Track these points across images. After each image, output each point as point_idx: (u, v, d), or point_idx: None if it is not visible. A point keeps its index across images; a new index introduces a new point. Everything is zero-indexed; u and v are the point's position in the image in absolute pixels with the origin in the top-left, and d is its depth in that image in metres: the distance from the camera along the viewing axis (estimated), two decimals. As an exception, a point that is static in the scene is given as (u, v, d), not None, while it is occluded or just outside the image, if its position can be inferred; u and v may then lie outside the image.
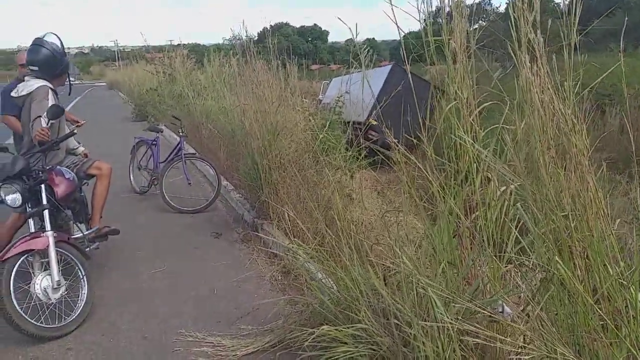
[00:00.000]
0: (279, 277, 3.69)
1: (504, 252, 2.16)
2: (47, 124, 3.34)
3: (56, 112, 3.36)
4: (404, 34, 2.48)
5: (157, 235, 4.81)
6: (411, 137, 2.96)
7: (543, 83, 1.51)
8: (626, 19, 3.38)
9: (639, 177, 1.91)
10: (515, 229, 2.13)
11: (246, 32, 5.78)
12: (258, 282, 3.69)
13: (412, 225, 3.04)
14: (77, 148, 4.14)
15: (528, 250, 2.06)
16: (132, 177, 6.31)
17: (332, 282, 2.75)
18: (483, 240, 2.16)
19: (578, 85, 1.67)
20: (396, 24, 2.37)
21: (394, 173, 3.02)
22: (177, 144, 5.80)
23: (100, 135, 10.86)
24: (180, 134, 5.84)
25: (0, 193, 3.16)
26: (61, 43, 3.79)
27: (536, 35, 1.65)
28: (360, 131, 5.30)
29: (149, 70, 15.03)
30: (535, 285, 1.88)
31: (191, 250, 4.42)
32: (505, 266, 2.19)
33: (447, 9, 2.40)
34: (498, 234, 2.21)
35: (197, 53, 16.65)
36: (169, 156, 5.81)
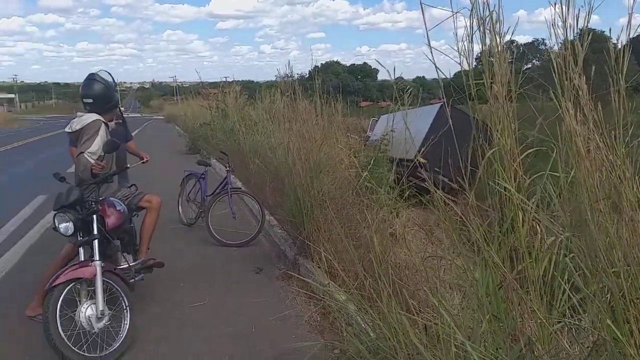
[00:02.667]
0: (318, 318, 3.63)
1: (554, 308, 2.04)
2: (102, 158, 3.51)
3: (112, 147, 3.53)
4: (444, 76, 2.46)
5: (200, 268, 4.89)
6: (460, 176, 2.88)
7: (588, 132, 1.44)
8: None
9: None
10: (567, 283, 2.00)
11: (291, 71, 5.92)
12: (296, 322, 3.64)
13: (461, 269, 2.93)
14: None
15: (579, 308, 1.93)
16: (180, 209, 6.50)
17: (370, 329, 2.67)
18: (529, 296, 2.04)
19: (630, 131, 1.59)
20: (434, 64, 2.36)
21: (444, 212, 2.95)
22: (224, 178, 5.95)
23: (154, 167, 11.32)
24: (227, 168, 5.99)
25: (54, 221, 3.32)
26: (112, 79, 4.00)
27: (580, 79, 1.59)
28: (408, 168, 5.25)
29: (203, 105, 15.65)
30: (587, 348, 1.74)
31: (232, 284, 4.45)
32: (557, 323, 2.06)
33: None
34: (547, 288, 2.09)
35: (250, 90, 17.17)
36: (215, 190, 5.95)
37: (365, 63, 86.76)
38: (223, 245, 5.52)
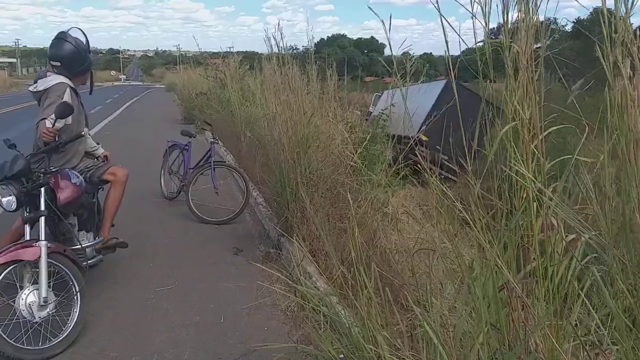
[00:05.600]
0: (295, 309, 3.25)
1: (567, 322, 1.64)
2: (53, 125, 3.07)
3: (64, 112, 3.08)
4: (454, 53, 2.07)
5: (174, 246, 4.49)
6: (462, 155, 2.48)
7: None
8: None
9: None
10: (585, 293, 1.60)
11: (281, 36, 5.36)
12: (271, 312, 3.28)
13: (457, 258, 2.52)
14: (95, 150, 3.88)
15: (602, 326, 1.53)
16: (162, 182, 6.07)
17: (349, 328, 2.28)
18: (537, 302, 1.64)
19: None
20: (445, 36, 1.92)
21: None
22: (208, 151, 5.51)
23: (145, 136, 10.90)
24: (211, 140, 5.56)
25: None
26: (86, 39, 3.54)
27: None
28: (408, 146, 4.85)
29: (201, 74, 15.12)
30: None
31: (207, 266, 4.07)
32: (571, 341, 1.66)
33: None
34: (560, 297, 1.69)
35: (253, 60, 16.56)
36: (198, 162, 5.54)
37: (372, 37, 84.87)
38: (203, 222, 5.13)
